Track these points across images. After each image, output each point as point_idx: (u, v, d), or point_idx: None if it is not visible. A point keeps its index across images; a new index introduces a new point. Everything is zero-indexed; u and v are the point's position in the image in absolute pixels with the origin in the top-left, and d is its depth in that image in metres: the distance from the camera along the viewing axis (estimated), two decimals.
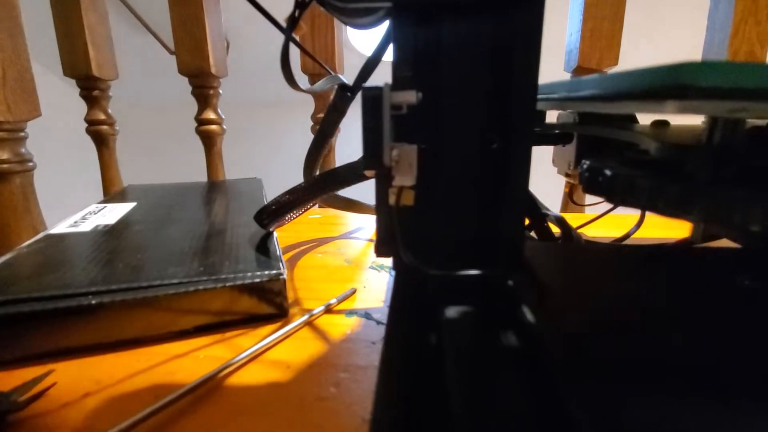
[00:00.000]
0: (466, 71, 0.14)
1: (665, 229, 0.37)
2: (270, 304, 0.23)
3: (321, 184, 0.24)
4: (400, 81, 0.12)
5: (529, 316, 0.12)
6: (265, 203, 0.28)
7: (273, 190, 0.48)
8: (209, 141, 0.60)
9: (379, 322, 0.23)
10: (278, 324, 0.23)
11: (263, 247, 0.27)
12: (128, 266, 0.23)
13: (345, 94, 0.22)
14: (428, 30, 0.14)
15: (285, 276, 0.23)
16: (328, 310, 0.25)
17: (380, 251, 0.15)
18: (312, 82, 0.57)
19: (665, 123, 0.20)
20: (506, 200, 0.14)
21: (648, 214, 0.25)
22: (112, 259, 0.24)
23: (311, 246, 0.36)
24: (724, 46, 0.49)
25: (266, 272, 0.23)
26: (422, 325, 0.12)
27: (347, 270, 0.31)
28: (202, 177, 0.63)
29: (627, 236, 0.31)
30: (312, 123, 0.59)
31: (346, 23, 0.16)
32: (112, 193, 0.63)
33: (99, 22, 0.56)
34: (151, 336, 0.21)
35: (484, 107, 0.14)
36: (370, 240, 0.38)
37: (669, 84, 0.08)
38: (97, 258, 0.25)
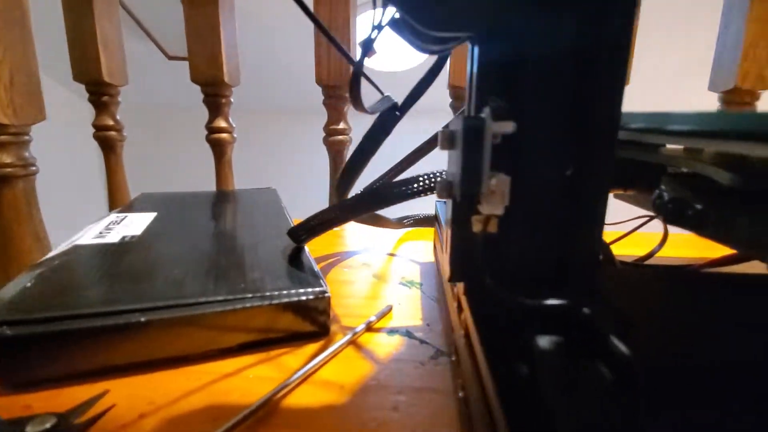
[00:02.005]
0: (548, 96, 0.14)
1: (687, 248, 0.38)
2: (313, 322, 0.23)
3: (366, 203, 0.24)
4: (495, 111, 0.13)
5: (622, 347, 0.12)
6: (303, 218, 0.28)
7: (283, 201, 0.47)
8: (219, 149, 0.59)
9: (422, 341, 0.23)
10: (322, 342, 0.23)
11: (299, 262, 0.27)
12: (169, 281, 0.23)
13: (394, 113, 0.22)
14: (512, 56, 0.14)
15: (329, 294, 0.23)
16: (369, 328, 0.25)
17: (455, 276, 0.15)
18: (326, 93, 0.57)
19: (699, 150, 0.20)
20: (581, 227, 0.15)
21: (672, 232, 0.26)
22: (152, 273, 0.24)
23: (335, 260, 0.36)
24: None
25: (311, 289, 0.23)
26: (509, 355, 0.13)
27: (376, 285, 0.31)
28: (204, 184, 0.62)
29: (650, 255, 0.32)
30: (324, 134, 0.59)
31: (418, 48, 0.16)
32: (117, 199, 0.62)
33: (112, 28, 0.55)
34: (195, 354, 0.21)
35: (564, 134, 0.15)
36: (391, 254, 0.38)
37: None
38: (135, 271, 0.24)
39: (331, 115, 0.59)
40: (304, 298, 0.23)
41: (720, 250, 0.24)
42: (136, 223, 0.34)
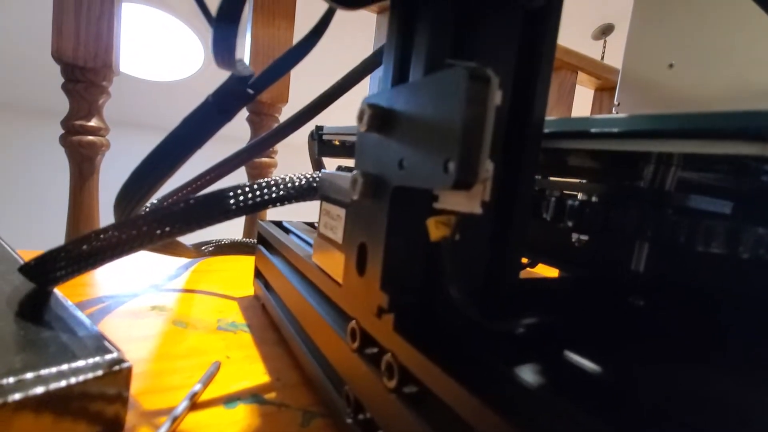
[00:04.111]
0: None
1: None
2: (95, 419, 0.13)
3: (185, 217, 0.16)
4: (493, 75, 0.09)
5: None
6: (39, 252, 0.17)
7: None
8: None
9: (281, 405, 0.17)
10: None
11: (52, 316, 0.16)
12: None
13: (245, 89, 0.15)
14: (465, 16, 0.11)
15: (129, 364, 0.14)
16: (194, 404, 0.16)
17: (392, 306, 0.10)
18: (68, 74, 0.41)
19: None
20: (512, 227, 0.13)
21: None
22: None
23: (104, 306, 0.24)
24: None
25: (92, 361, 0.13)
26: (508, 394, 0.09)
27: (185, 336, 0.22)
28: None
29: None
30: (63, 131, 0.42)
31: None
32: None
33: None
34: None
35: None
36: (188, 291, 0.29)
37: None
38: None
39: (75, 106, 0.43)
40: (83, 378, 0.13)
41: None
42: None
